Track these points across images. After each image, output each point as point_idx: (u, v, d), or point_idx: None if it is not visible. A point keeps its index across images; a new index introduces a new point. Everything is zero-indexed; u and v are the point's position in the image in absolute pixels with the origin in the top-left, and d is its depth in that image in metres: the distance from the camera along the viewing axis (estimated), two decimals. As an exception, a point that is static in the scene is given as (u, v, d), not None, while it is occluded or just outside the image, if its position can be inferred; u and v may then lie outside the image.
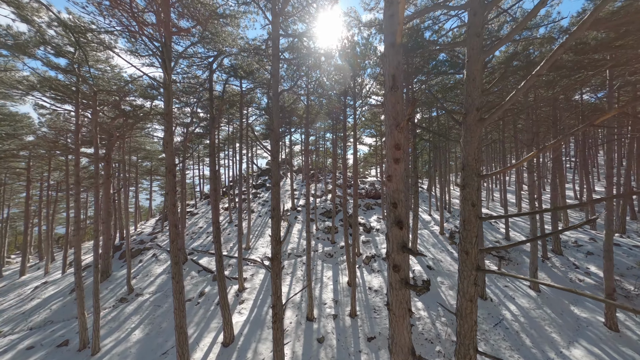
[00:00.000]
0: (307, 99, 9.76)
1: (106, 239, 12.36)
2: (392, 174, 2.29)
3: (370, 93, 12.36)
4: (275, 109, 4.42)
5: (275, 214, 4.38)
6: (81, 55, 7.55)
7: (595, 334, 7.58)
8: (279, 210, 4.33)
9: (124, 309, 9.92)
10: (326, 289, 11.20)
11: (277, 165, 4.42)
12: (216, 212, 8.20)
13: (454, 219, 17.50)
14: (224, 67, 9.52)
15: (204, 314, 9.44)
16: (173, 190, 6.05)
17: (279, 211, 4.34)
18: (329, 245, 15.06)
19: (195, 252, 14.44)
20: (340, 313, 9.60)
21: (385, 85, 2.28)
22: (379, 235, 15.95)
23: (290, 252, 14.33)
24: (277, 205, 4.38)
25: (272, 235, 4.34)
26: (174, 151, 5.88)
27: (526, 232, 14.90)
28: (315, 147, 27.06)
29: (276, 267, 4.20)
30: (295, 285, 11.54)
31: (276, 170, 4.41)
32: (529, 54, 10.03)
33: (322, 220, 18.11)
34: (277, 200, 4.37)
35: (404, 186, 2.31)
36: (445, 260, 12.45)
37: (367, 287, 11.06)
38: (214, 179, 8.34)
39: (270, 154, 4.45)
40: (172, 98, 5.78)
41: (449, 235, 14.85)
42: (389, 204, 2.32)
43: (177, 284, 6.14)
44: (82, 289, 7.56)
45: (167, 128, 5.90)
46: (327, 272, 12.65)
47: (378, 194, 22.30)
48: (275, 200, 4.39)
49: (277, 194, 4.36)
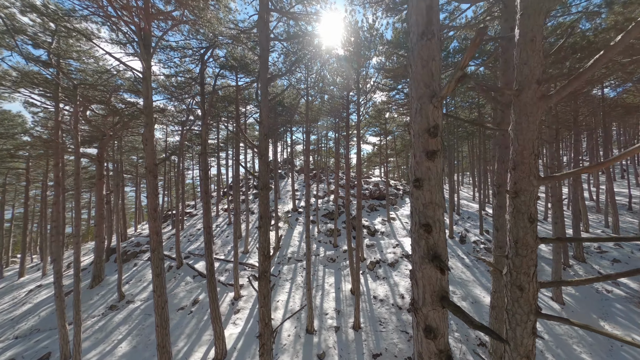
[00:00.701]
0: (307, 93, 9.05)
1: (99, 242, 11.86)
2: (422, 177, 1.57)
3: (374, 88, 11.58)
4: (264, 98, 3.70)
5: (263, 223, 3.65)
6: (61, 46, 6.98)
7: (633, 355, 6.68)
8: (268, 218, 3.61)
9: (113, 317, 9.37)
10: (328, 297, 10.47)
11: (267, 165, 3.71)
12: (208, 216, 7.55)
13: (463, 222, 16.57)
14: (216, 58, 8.86)
15: (196, 325, 8.81)
16: (154, 193, 5.40)
17: (268, 220, 3.62)
18: (331, 249, 14.33)
19: (192, 256, 13.87)
20: (343, 325, 8.86)
21: (411, 33, 1.56)
22: (384, 239, 15.14)
23: (291, 256, 13.64)
24: (265, 212, 3.65)
25: (260, 248, 3.63)
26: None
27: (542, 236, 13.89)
28: (317, 146, 26.35)
29: (264, 288, 3.49)
30: (295, 292, 10.84)
31: (265, 171, 3.69)
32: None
33: (324, 222, 17.38)
34: (265, 207, 3.65)
35: (442, 197, 1.58)
36: (456, 266, 11.58)
37: (371, 295, 10.30)
38: (206, 179, 7.69)
39: (258, 151, 3.74)
40: (152, 90, 5.13)
41: (459, 239, 13.96)
42: (416, 224, 1.59)
43: (158, 297, 5.49)
44: (62, 299, 6.99)
45: (146, 123, 5.26)
46: (328, 278, 11.92)
47: (382, 194, 21.45)
48: (264, 206, 3.67)
49: (265, 200, 3.64)
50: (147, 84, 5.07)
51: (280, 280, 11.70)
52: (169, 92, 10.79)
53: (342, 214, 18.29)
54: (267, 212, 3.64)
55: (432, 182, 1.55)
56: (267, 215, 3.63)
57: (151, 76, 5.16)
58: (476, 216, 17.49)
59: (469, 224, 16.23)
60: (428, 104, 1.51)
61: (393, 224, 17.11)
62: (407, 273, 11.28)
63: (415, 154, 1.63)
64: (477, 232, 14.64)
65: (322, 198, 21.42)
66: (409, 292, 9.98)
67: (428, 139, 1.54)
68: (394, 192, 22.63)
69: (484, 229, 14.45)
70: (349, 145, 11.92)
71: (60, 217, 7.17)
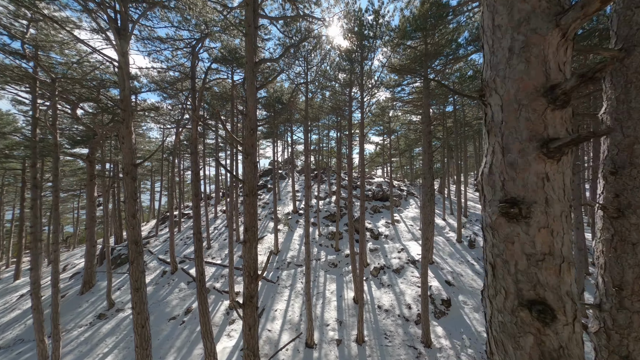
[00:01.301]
0: (307, 89, 8.42)
1: (89, 246, 11.34)
2: (526, 197, 0.85)
3: (379, 84, 10.90)
4: (250, 85, 3.06)
5: (249, 236, 3.02)
6: (39, 36, 6.42)
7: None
8: (255, 231, 2.98)
9: (100, 327, 8.82)
10: (329, 306, 9.83)
11: (254, 166, 3.08)
12: (197, 221, 6.95)
13: (471, 225, 15.81)
14: (209, 50, 8.26)
15: (188, 337, 8.22)
16: (132, 197, 4.81)
17: (255, 233, 2.99)
18: (333, 253, 13.68)
19: (187, 260, 13.32)
20: (345, 337, 8.21)
21: None
22: (388, 243, 14.46)
23: (290, 261, 13.02)
24: (251, 223, 3.02)
25: (245, 268, 3.00)
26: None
27: (557, 241, 13.10)
28: (319, 146, 25.72)
29: (249, 317, 2.85)
30: (295, 300, 10.21)
31: (251, 173, 3.06)
32: None
33: (325, 224, 16.73)
34: (252, 217, 3.02)
35: (569, 241, 0.95)
36: (466, 274, 10.86)
37: (375, 304, 9.63)
38: (196, 181, 7.09)
39: (243, 150, 3.10)
40: (129, 81, 4.52)
41: (467, 244, 13.22)
42: (512, 300, 0.87)
43: (138, 315, 4.90)
44: (40, 312, 6.44)
45: (123, 118, 4.66)
46: (330, 284, 11.28)
47: (386, 195, 20.75)
48: (250, 217, 3.03)
49: (252, 208, 3.00)
50: (122, 73, 4.47)
51: (279, 287, 11.08)
52: (161, 89, 10.23)
53: (344, 216, 17.63)
54: (253, 223, 3.00)
55: (553, 208, 0.81)
56: (254, 228, 3.00)
57: (128, 65, 4.56)
58: (484, 218, 16.71)
59: (477, 226, 15.47)
60: (547, 25, 0.77)
61: (397, 227, 16.41)
62: (413, 280, 10.59)
63: (505, 146, 0.87)
64: (486, 235, 13.88)
65: (323, 199, 20.78)
66: (416, 302, 9.30)
67: (546, 109, 0.81)
68: (398, 193, 21.91)
69: (494, 233, 13.67)
70: (351, 144, 11.30)
71: (39, 222, 6.62)
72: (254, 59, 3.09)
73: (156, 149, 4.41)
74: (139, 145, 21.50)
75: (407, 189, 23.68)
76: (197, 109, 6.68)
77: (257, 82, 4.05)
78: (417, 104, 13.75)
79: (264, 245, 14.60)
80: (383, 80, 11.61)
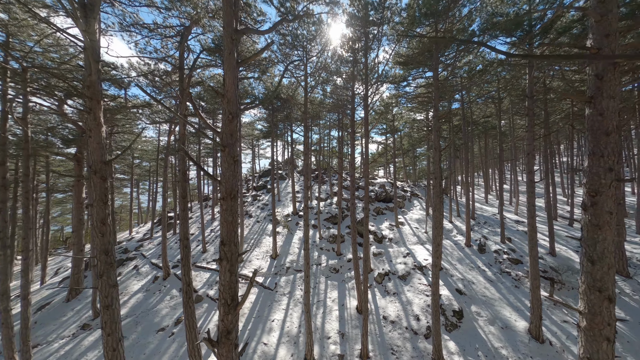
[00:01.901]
0: (306, 81, 7.75)
1: (77, 251, 10.72)
2: None
3: (384, 77, 10.22)
4: (229, 56, 2.38)
5: (226, 252, 2.34)
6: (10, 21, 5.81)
7: None
8: (235, 245, 2.30)
9: (83, 340, 8.16)
10: (330, 316, 9.13)
11: (233, 161, 2.40)
12: (184, 225, 6.29)
13: (479, 227, 15.04)
14: (200, 38, 7.63)
15: (176, 351, 7.53)
16: (102, 200, 4.14)
17: (234, 249, 2.31)
18: (334, 258, 12.98)
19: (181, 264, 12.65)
20: (349, 352, 7.51)
21: None
22: (392, 247, 13.73)
23: (289, 266, 12.33)
24: (230, 236, 2.35)
25: (221, 294, 2.33)
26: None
27: (575, 245, 12.31)
28: (320, 146, 25.05)
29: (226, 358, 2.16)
30: (293, 309, 9.52)
31: (230, 170, 2.38)
32: None
33: (326, 226, 16.04)
34: (230, 228, 2.34)
35: None
36: (477, 281, 10.11)
37: (380, 315, 8.91)
38: (183, 181, 6.43)
39: (220, 140, 2.43)
40: (96, 65, 3.88)
41: (477, 248, 12.46)
42: None
43: (108, 337, 4.22)
44: (9, 327, 5.79)
45: (90, 108, 4.01)
46: (331, 292, 10.58)
47: (389, 196, 20.03)
48: (227, 226, 2.36)
49: (231, 215, 2.33)
50: (88, 56, 3.82)
51: (277, 294, 10.39)
52: (151, 83, 9.62)
53: (346, 218, 16.93)
54: (232, 235, 2.32)
55: None
56: (232, 241, 2.31)
57: (98, 47, 3.91)
58: (492, 221, 15.94)
59: (486, 229, 14.70)
60: None
61: (402, 230, 15.67)
62: (421, 288, 9.86)
63: None
64: (496, 239, 13.12)
65: (324, 200, 20.09)
66: (424, 313, 8.57)
67: None
68: (401, 194, 21.18)
69: (506, 236, 12.90)
70: (354, 142, 10.62)
71: (9, 227, 5.99)
72: (235, 24, 2.42)
73: (129, 145, 3.76)
74: (136, 145, 20.94)
75: (410, 190, 22.93)
76: (183, 102, 6.03)
77: (240, 56, 3.38)
78: (424, 99, 13.03)
79: (262, 249, 13.92)
80: (388, 74, 10.93)
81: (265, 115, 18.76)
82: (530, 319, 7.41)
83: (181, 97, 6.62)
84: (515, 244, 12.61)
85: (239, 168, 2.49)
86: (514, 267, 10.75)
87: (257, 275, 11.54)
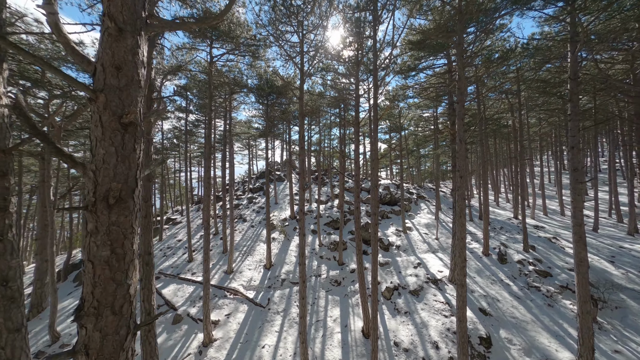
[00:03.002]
0: (302, 61, 6.45)
1: (40, 262, 9.36)
2: None
3: (393, 63, 8.92)
4: None
5: (99, 336, 0.87)
6: None
7: None
8: (119, 282, 0.86)
9: (32, 372, 6.75)
10: (331, 341, 7.70)
11: (122, 126, 0.97)
12: (147, 236, 4.93)
13: (496, 234, 13.63)
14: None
15: (143, 390, 6.11)
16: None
17: (119, 287, 0.86)
18: (336, 268, 11.57)
19: (163, 276, 11.26)
20: (354, 391, 6.07)
21: None
22: (401, 255, 12.32)
23: (285, 278, 10.92)
24: (106, 300, 0.87)
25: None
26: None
27: (607, 254, 10.90)
28: (320, 146, 23.76)
29: None
30: (288, 332, 8.10)
31: (115, 143, 0.95)
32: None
33: (327, 232, 14.64)
34: (112, 276, 0.89)
35: None
36: (503, 298, 8.69)
37: (391, 340, 7.48)
38: (147, 181, 5.09)
39: (93, 79, 1.00)
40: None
41: (497, 258, 11.05)
42: None
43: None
44: None
45: None
46: (332, 309, 9.16)
47: (394, 199, 18.65)
48: (106, 272, 0.90)
49: (110, 237, 0.89)
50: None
51: (270, 312, 8.97)
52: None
53: (348, 222, 15.55)
54: (114, 296, 0.93)
55: None
56: (114, 308, 0.92)
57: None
58: (509, 226, 14.54)
59: (504, 236, 13.29)
60: None
61: (410, 236, 14.27)
62: (437, 307, 8.44)
63: None
64: (517, 247, 11.71)
65: (324, 203, 18.72)
66: (444, 339, 7.15)
67: None
68: (407, 196, 19.80)
69: (529, 244, 11.49)
70: (358, 138, 9.31)
71: None
72: None
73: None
74: None
75: (417, 192, 21.55)
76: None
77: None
78: (437, 91, 11.68)
79: (255, 258, 12.52)
80: (397, 61, 9.63)
81: (261, 112, 17.51)
82: (579, 352, 5.98)
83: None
84: (540, 252, 11.19)
85: (138, 142, 1.12)
86: (543, 281, 9.33)
87: (247, 290, 10.13)
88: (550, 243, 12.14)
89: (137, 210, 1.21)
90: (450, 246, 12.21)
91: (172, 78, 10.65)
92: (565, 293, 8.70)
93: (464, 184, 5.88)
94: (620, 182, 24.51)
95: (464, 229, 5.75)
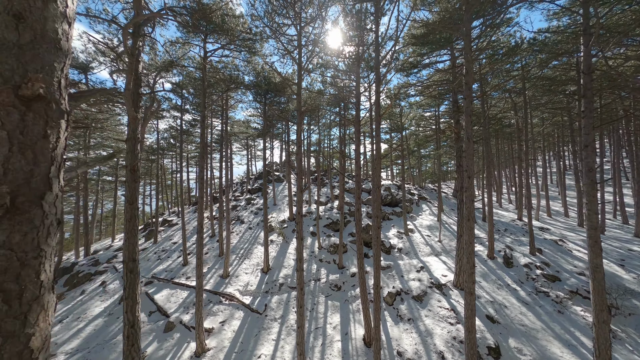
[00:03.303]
0: (299, 54, 6.11)
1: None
2: None
3: (397, 54, 8.58)
4: None
5: None
6: None
7: None
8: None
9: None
10: (331, 350, 7.31)
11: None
12: (132, 240, 4.55)
13: (500, 236, 13.28)
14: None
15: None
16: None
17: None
18: (336, 272, 11.18)
19: (156, 280, 10.85)
20: (355, 406, 5.68)
21: None
22: (403, 258, 11.95)
23: (283, 282, 10.53)
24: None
25: None
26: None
27: (616, 257, 10.54)
28: (319, 146, 23.41)
29: None
30: (286, 340, 7.71)
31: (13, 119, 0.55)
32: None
33: (326, 234, 14.27)
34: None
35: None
36: (510, 304, 8.32)
37: (394, 349, 7.10)
38: (131, 182, 4.73)
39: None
40: None
41: (503, 261, 10.68)
42: None
43: None
44: None
45: None
46: (332, 315, 8.77)
47: (395, 200, 18.30)
48: (10, 267, 0.51)
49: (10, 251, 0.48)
50: None
51: (267, 320, 8.58)
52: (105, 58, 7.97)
53: (348, 224, 15.18)
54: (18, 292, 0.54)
55: None
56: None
57: None
58: (514, 228, 14.19)
59: (509, 238, 12.94)
60: None
61: (412, 238, 13.90)
62: (442, 314, 8.05)
63: None
64: (523, 250, 11.35)
65: (324, 204, 18.34)
66: (451, 349, 6.76)
67: None
68: (408, 197, 19.44)
69: (536, 247, 11.13)
70: (359, 137, 8.96)
71: None
72: None
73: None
74: (107, 141, 18.45)
75: (418, 193, 21.19)
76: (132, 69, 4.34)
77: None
78: (440, 89, 11.35)
79: (253, 261, 12.13)
80: (399, 57, 9.29)
81: (259, 111, 17.16)
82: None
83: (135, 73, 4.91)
84: (547, 256, 10.82)
85: (67, 135, 0.74)
86: (551, 286, 8.96)
87: (243, 295, 9.73)
88: (556, 246, 11.77)
89: (50, 223, 0.83)
90: (455, 249, 11.85)
91: (165, 75, 10.29)
92: (575, 299, 8.33)
93: (472, 184, 5.52)
94: (623, 183, 24.19)
95: (472, 232, 5.38)
